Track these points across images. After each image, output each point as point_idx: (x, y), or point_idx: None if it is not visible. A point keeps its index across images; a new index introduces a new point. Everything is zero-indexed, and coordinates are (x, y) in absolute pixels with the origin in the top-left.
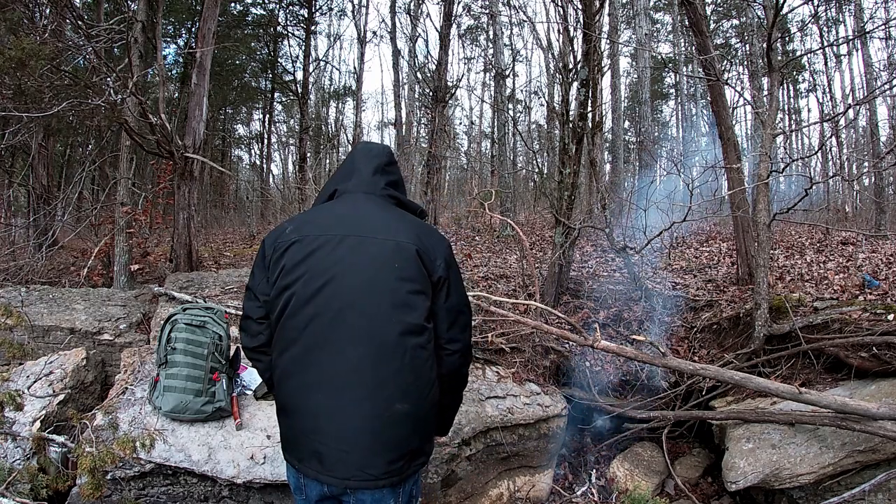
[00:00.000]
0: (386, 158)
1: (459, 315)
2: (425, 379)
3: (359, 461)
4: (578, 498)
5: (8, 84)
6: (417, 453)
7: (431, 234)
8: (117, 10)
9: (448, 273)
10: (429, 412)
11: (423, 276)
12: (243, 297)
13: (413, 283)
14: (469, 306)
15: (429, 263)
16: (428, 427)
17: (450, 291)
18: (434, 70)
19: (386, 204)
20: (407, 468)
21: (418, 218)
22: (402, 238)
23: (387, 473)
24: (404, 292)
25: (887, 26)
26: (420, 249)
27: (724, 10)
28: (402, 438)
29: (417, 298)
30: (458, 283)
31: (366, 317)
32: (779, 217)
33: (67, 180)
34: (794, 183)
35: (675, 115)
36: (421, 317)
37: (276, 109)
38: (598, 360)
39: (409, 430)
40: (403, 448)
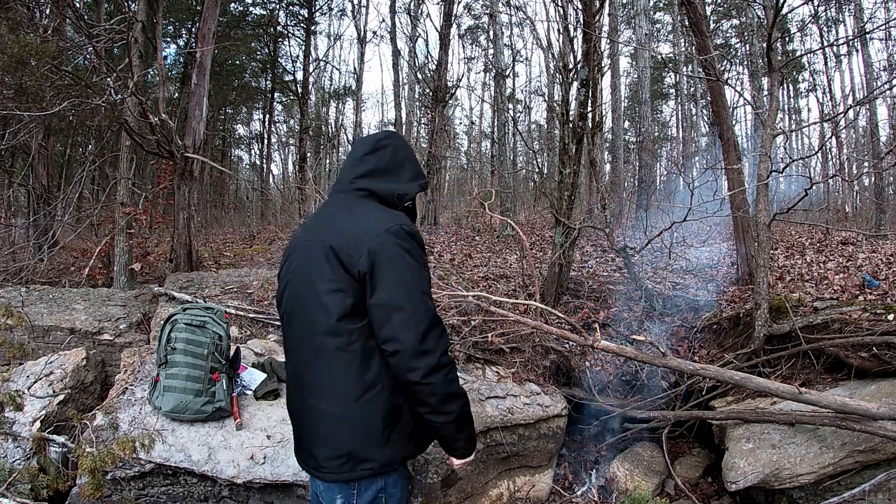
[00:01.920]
0: (367, 147)
1: (393, 312)
2: (351, 381)
3: (310, 451)
4: (578, 498)
5: (9, 83)
6: (360, 458)
7: (368, 224)
8: (117, 10)
9: (372, 266)
10: (365, 416)
11: (339, 273)
12: None
13: (329, 282)
14: (415, 301)
15: (346, 259)
16: (368, 432)
17: (374, 286)
18: (434, 70)
19: (351, 199)
20: (350, 470)
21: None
22: (328, 236)
23: (325, 468)
24: (322, 292)
25: (887, 26)
26: (337, 245)
27: (724, 10)
28: (334, 437)
29: (334, 298)
30: (389, 276)
31: (301, 320)
32: (779, 217)
33: (67, 180)
34: (794, 183)
35: (675, 115)
36: (335, 317)
37: (276, 109)
38: (598, 360)
39: (340, 430)
40: (339, 448)
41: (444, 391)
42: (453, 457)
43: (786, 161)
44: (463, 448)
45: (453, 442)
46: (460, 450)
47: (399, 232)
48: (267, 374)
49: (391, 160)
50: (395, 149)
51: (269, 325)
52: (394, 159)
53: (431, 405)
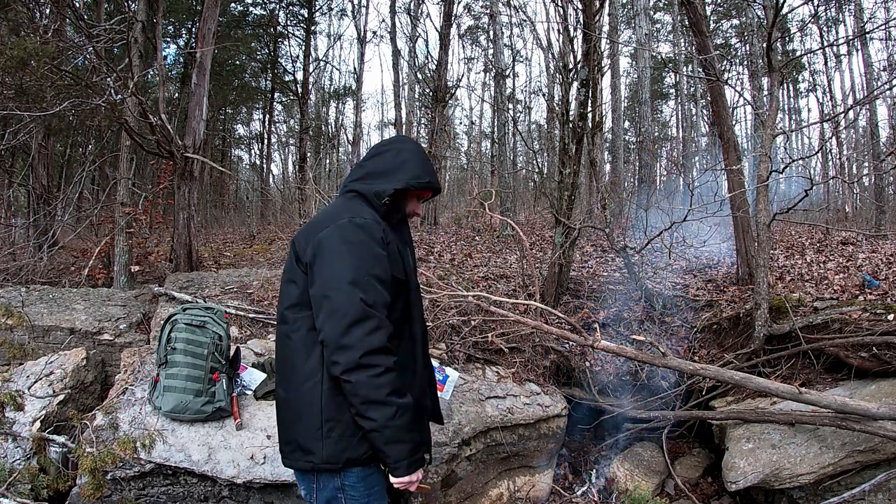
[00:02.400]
0: (371, 153)
1: (322, 301)
2: (294, 369)
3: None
4: (578, 498)
5: (9, 84)
6: (302, 449)
7: (326, 218)
8: (117, 10)
9: (314, 256)
10: (303, 407)
11: (293, 264)
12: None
13: (287, 272)
14: (343, 292)
15: (300, 250)
16: (307, 423)
17: (314, 275)
18: (434, 70)
19: (340, 200)
20: (298, 459)
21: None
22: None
23: (285, 453)
24: (282, 283)
25: (887, 26)
26: (296, 239)
27: (724, 10)
28: (285, 423)
29: (287, 288)
30: (325, 267)
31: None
32: (779, 217)
33: (67, 180)
34: (795, 183)
35: (675, 115)
36: (285, 305)
37: (276, 109)
38: (598, 360)
39: (287, 417)
40: (289, 434)
41: (366, 394)
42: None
43: (786, 161)
44: (393, 465)
45: (383, 455)
46: (390, 465)
47: (346, 224)
48: (267, 374)
49: (388, 163)
50: (397, 151)
51: (269, 325)
52: (391, 162)
53: (356, 406)
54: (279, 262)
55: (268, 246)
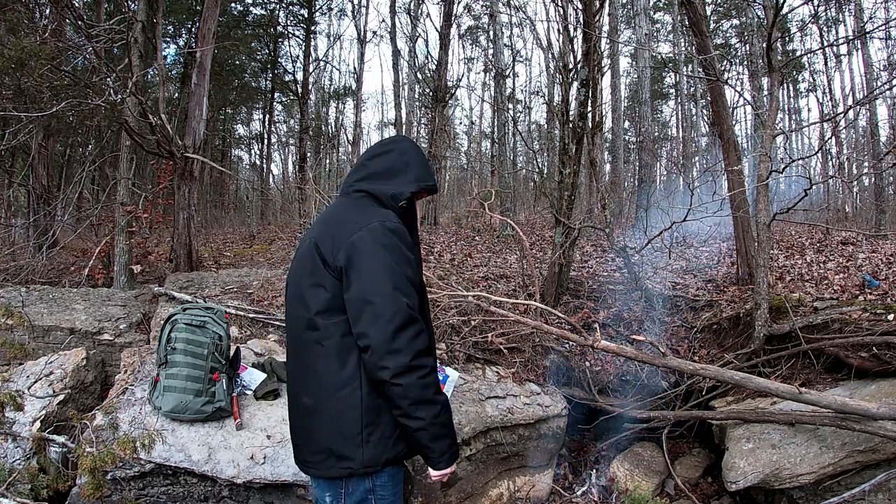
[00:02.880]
0: (373, 152)
1: (365, 306)
2: (327, 377)
3: (298, 445)
4: (578, 498)
5: (8, 84)
6: (338, 456)
7: (352, 221)
8: (117, 10)
9: (349, 260)
10: (341, 414)
11: (320, 268)
12: None
13: (310, 276)
14: (387, 296)
15: (328, 254)
16: (345, 430)
17: (350, 280)
18: (434, 70)
19: (349, 201)
20: (330, 467)
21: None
22: (316, 234)
23: (309, 463)
24: (304, 287)
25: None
26: (320, 241)
27: (724, 10)
28: (314, 432)
29: (313, 292)
30: (365, 270)
31: (290, 316)
32: (779, 217)
33: (67, 180)
34: (794, 183)
35: (675, 115)
36: (313, 311)
37: (276, 109)
38: (598, 360)
39: (319, 426)
40: (318, 444)
41: (416, 395)
42: (428, 465)
43: (786, 161)
44: (437, 459)
45: (427, 451)
46: (434, 460)
47: (378, 228)
48: (267, 374)
49: (395, 162)
50: (401, 152)
51: (269, 325)
52: (398, 162)
53: (403, 408)
54: (279, 262)
55: (268, 246)
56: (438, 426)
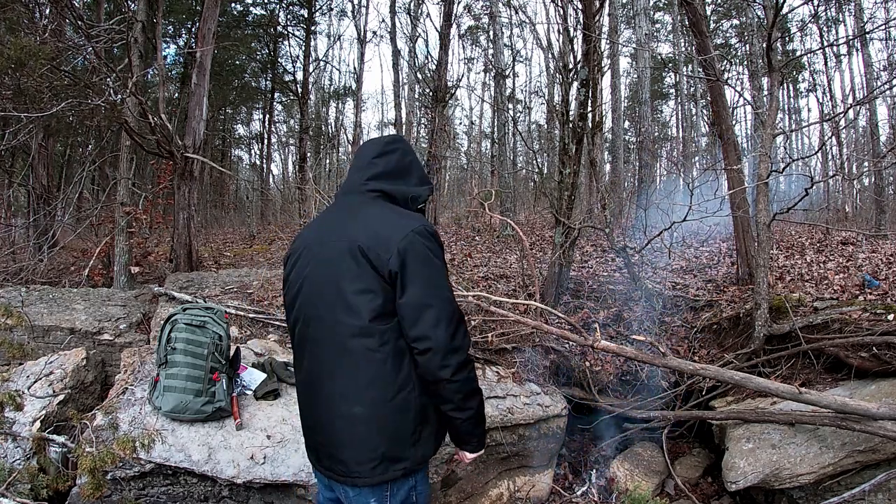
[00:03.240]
0: (377, 150)
1: (424, 310)
2: (383, 382)
3: (337, 457)
4: (578, 498)
5: (7, 84)
6: (393, 458)
7: (393, 224)
8: (117, 10)
9: (402, 265)
10: (398, 417)
11: (369, 273)
12: None
13: (357, 282)
14: (444, 299)
15: (376, 259)
16: (401, 432)
17: (405, 285)
18: (434, 70)
19: (364, 200)
20: (384, 471)
21: (408, 207)
22: (352, 237)
23: (357, 473)
24: (349, 293)
25: (887, 26)
26: (365, 245)
27: (724, 10)
28: (367, 441)
29: (362, 298)
30: (419, 275)
31: (325, 322)
32: (779, 217)
33: (67, 180)
34: (794, 183)
35: (675, 115)
36: (366, 317)
37: (276, 109)
38: (598, 360)
39: (373, 433)
40: (372, 451)
41: (468, 388)
42: (466, 451)
43: (786, 161)
44: (477, 443)
45: (470, 437)
46: (474, 444)
47: (424, 232)
48: (267, 374)
49: (399, 163)
50: (404, 153)
51: (269, 325)
52: (402, 162)
53: (456, 402)
54: (279, 262)
55: (268, 246)
56: (481, 412)
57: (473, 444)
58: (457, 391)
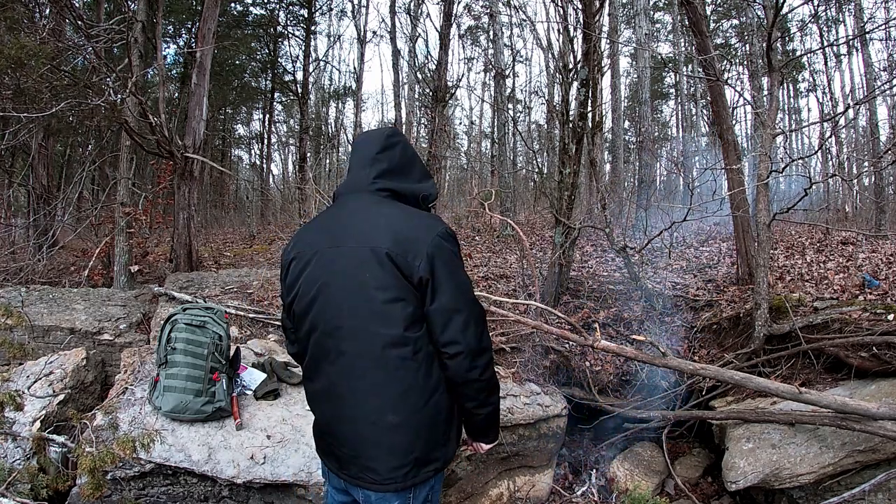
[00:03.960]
0: (378, 145)
1: (454, 315)
2: (418, 389)
3: (365, 464)
4: (578, 498)
5: (7, 84)
6: (425, 461)
7: (416, 227)
8: (117, 10)
9: (432, 271)
10: (430, 421)
11: (398, 280)
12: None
13: (388, 290)
14: (470, 301)
15: (405, 266)
16: (433, 435)
17: (436, 291)
18: (434, 70)
19: (374, 200)
20: (415, 475)
21: (418, 206)
22: (376, 242)
23: (390, 479)
24: (379, 302)
25: (887, 26)
26: (393, 252)
27: (724, 10)
28: (400, 447)
29: (394, 307)
30: (448, 280)
31: (355, 332)
32: (779, 217)
33: (67, 180)
34: (794, 183)
35: (675, 115)
36: (400, 326)
37: (276, 109)
38: (598, 360)
39: (408, 439)
40: (405, 456)
41: (492, 384)
42: (483, 443)
43: (786, 161)
44: (494, 434)
45: (488, 430)
46: (492, 436)
47: (447, 235)
48: (267, 374)
49: (402, 158)
50: (404, 146)
51: (269, 325)
52: (404, 157)
53: (481, 399)
54: (279, 262)
55: (268, 246)
56: (498, 405)
57: (490, 436)
58: (482, 389)
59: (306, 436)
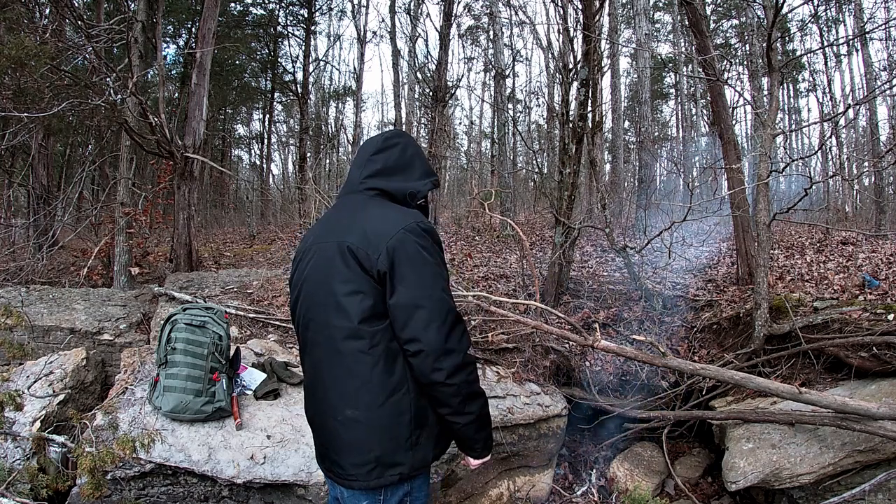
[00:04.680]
0: (374, 147)
1: (414, 311)
2: (375, 385)
3: (333, 458)
4: (578, 498)
5: (8, 84)
6: (389, 463)
7: (384, 222)
8: (117, 10)
9: (391, 265)
10: (391, 421)
11: (358, 274)
12: None
13: (348, 283)
14: (436, 299)
15: (365, 259)
16: (395, 436)
17: (394, 286)
18: (434, 70)
19: (361, 200)
20: (379, 475)
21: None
22: (345, 236)
23: (353, 476)
24: (340, 295)
25: (887, 26)
26: (354, 246)
27: (724, 10)
28: (358, 443)
29: (352, 300)
30: (410, 274)
31: (318, 324)
32: (779, 217)
33: (67, 180)
34: (794, 183)
35: (675, 115)
36: (355, 319)
37: (276, 109)
38: (598, 360)
39: (365, 436)
40: (365, 454)
41: (466, 391)
42: (471, 457)
43: (786, 161)
44: (482, 448)
45: (472, 442)
46: (479, 450)
47: (416, 229)
48: (267, 374)
49: (400, 158)
50: (405, 147)
51: (269, 325)
52: (402, 157)
53: (454, 406)
54: (279, 262)
55: (268, 246)
56: (484, 416)
57: (477, 450)
58: (454, 395)
59: (306, 436)
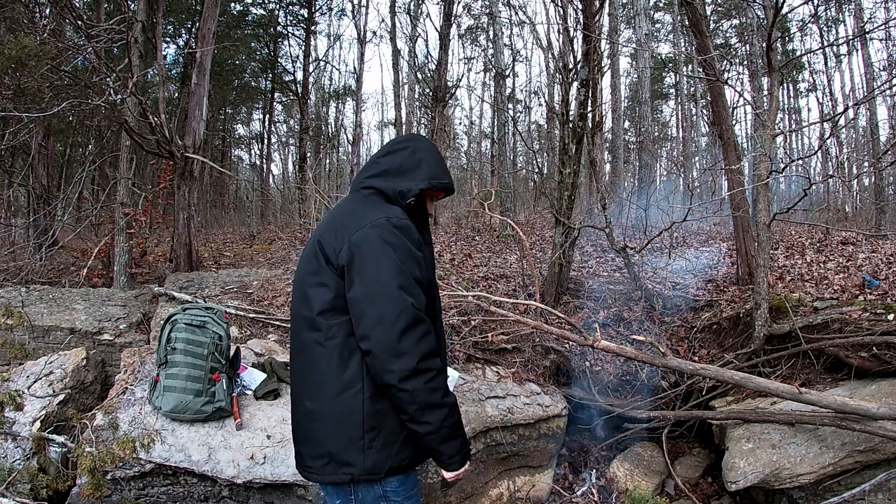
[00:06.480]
0: (385, 149)
1: (367, 307)
2: (330, 379)
3: (298, 449)
4: (578, 498)
5: (8, 84)
6: (340, 461)
7: (357, 218)
8: (117, 10)
9: (351, 259)
10: (342, 417)
11: (324, 267)
12: None
13: (315, 276)
14: (392, 297)
15: (331, 253)
16: (347, 434)
17: (352, 279)
18: (434, 70)
19: (355, 198)
20: (333, 472)
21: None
22: (323, 233)
23: (311, 468)
24: (307, 287)
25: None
26: (324, 240)
27: (724, 10)
28: (314, 435)
29: (317, 292)
30: (366, 270)
31: (294, 315)
32: (779, 217)
33: (67, 180)
34: (794, 183)
35: (675, 115)
36: (315, 310)
37: (276, 109)
38: (598, 360)
39: (319, 430)
40: (319, 447)
41: (423, 400)
42: (441, 468)
43: (786, 161)
44: (448, 461)
45: (438, 454)
46: (445, 462)
47: (384, 224)
48: (267, 374)
49: (406, 162)
50: (414, 150)
51: (269, 325)
52: (410, 161)
53: (410, 413)
54: (279, 262)
55: (268, 246)
56: (447, 429)
57: (444, 462)
58: (409, 402)
59: None
